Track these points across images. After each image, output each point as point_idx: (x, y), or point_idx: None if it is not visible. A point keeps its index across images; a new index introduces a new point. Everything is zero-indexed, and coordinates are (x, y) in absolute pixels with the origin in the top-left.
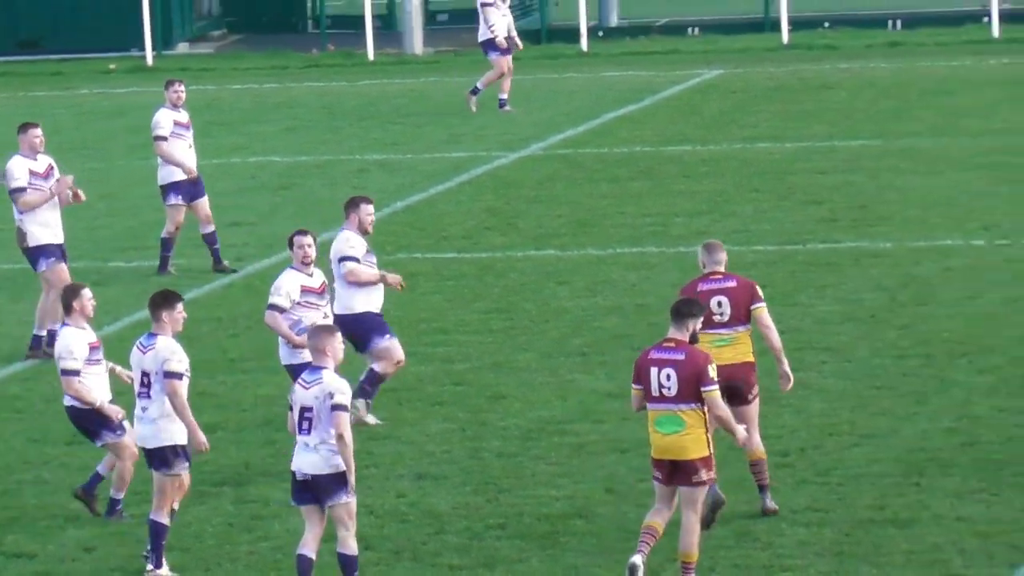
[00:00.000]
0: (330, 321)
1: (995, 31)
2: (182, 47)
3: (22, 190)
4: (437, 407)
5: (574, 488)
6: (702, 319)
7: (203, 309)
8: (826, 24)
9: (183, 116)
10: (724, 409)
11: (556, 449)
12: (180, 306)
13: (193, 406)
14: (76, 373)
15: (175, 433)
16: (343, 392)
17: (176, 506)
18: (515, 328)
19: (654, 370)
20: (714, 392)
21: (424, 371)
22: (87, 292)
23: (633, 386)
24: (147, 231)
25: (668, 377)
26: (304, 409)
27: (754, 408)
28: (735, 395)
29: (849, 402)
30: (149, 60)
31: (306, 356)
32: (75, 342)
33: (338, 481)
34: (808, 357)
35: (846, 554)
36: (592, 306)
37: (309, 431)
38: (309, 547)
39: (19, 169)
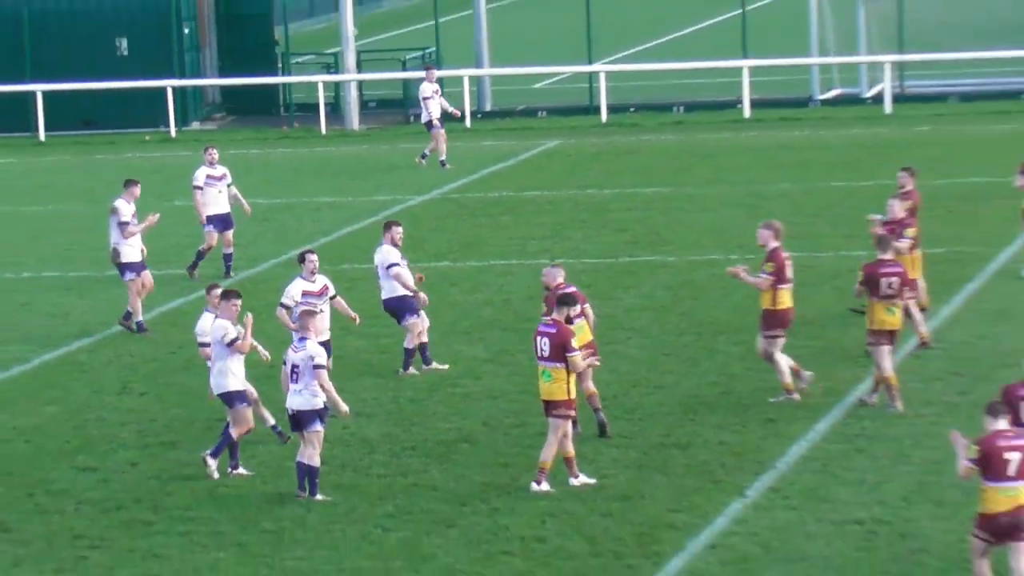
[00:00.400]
0: (325, 314)
1: (746, 113)
2: (195, 124)
3: (127, 224)
4: (369, 368)
5: (461, 423)
6: (577, 308)
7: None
8: (632, 108)
9: (216, 171)
10: (579, 366)
11: (449, 397)
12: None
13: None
14: (205, 347)
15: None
16: (321, 355)
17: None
18: None
19: (537, 338)
20: (575, 357)
21: (362, 344)
22: (216, 291)
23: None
24: (172, 250)
25: (545, 344)
26: (294, 366)
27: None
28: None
29: (646, 364)
30: (173, 133)
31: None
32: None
33: (313, 415)
34: (618, 335)
35: (645, 467)
36: (474, 300)
37: (297, 380)
38: (304, 456)
39: (125, 209)
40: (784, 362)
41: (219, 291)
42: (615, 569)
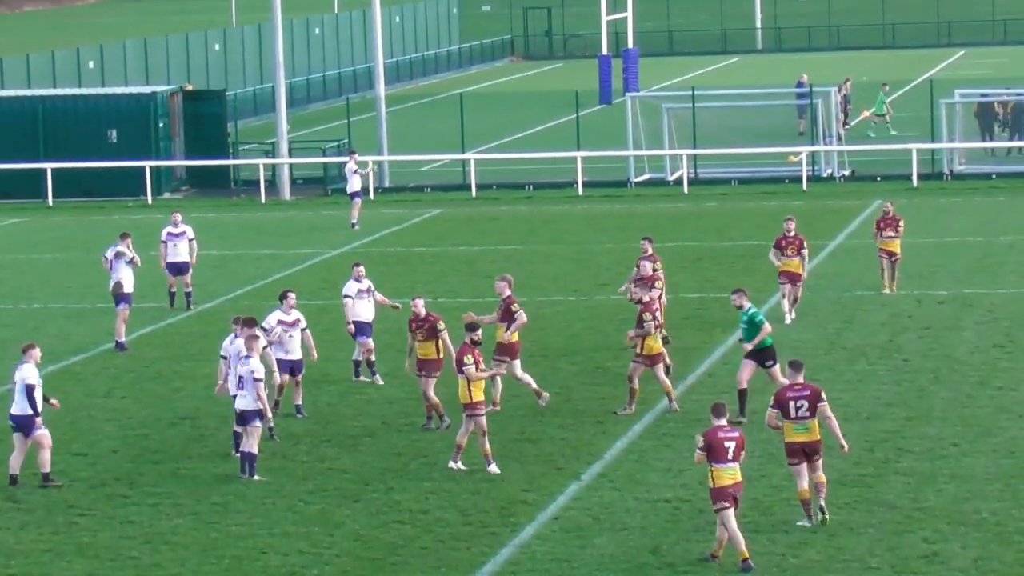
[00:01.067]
0: (296, 339)
1: (579, 191)
2: (166, 194)
3: (133, 259)
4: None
5: (366, 421)
6: (479, 334)
7: (175, 329)
8: (494, 186)
9: (177, 229)
10: (472, 377)
11: (357, 401)
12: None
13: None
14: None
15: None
16: (260, 371)
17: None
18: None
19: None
20: (467, 370)
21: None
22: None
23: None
24: (146, 287)
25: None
26: (240, 376)
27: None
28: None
29: (506, 379)
30: (149, 201)
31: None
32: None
33: (254, 414)
34: (484, 357)
35: (505, 456)
36: (376, 329)
37: (242, 387)
38: (246, 445)
39: (129, 251)
40: (528, 378)
41: (240, 321)
42: (482, 535)
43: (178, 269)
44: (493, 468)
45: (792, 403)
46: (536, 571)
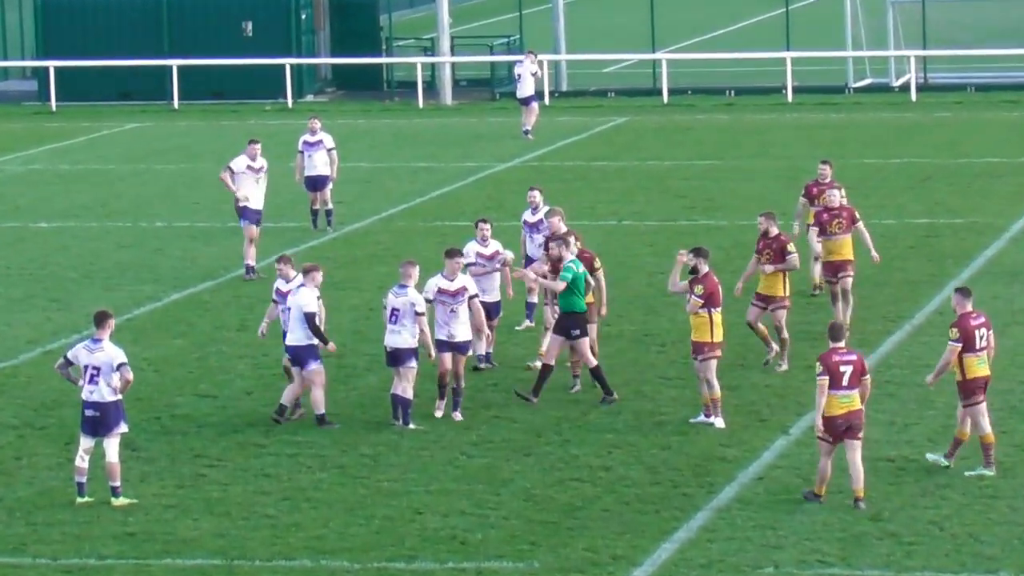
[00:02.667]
0: (495, 276)
1: (789, 98)
2: (309, 97)
3: (231, 172)
4: None
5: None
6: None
7: (317, 252)
8: (689, 91)
9: (314, 137)
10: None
11: (525, 339)
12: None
13: (327, 298)
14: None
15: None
16: (421, 303)
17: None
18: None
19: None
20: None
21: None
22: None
23: None
24: (286, 205)
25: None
26: (394, 309)
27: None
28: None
29: None
30: (290, 104)
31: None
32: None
33: (409, 353)
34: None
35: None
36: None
37: (396, 322)
38: (395, 389)
39: (237, 162)
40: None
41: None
42: (672, 496)
43: (315, 184)
44: (718, 422)
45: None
46: (736, 539)
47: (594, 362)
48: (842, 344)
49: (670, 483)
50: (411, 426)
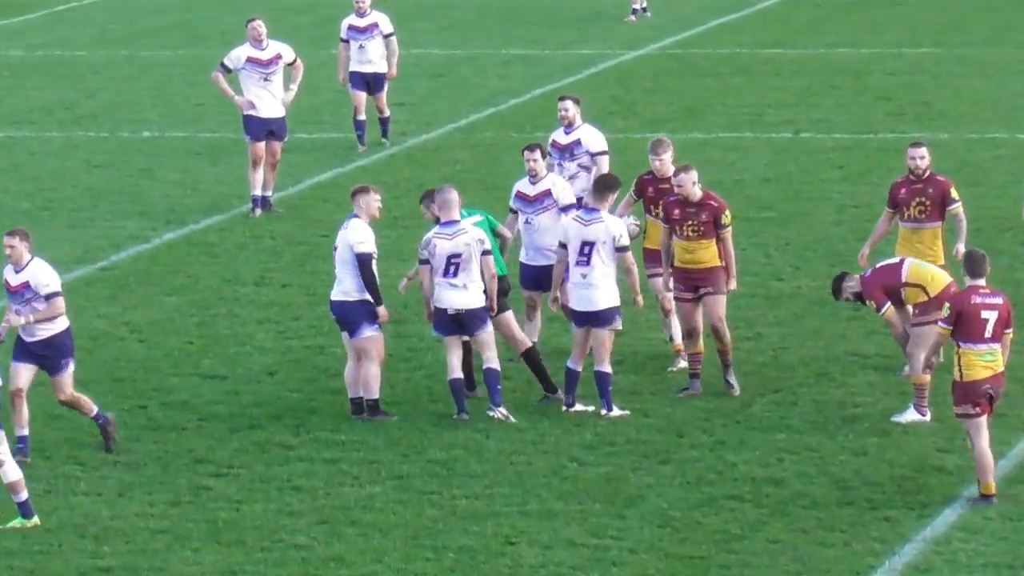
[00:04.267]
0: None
1: None
2: None
3: (225, 68)
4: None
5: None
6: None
7: (371, 174)
8: None
9: (363, 20)
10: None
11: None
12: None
13: None
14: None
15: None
16: (486, 240)
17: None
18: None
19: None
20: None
21: None
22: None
23: None
24: (325, 107)
25: None
26: (452, 256)
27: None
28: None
29: None
30: None
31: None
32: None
33: (484, 313)
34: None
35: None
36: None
37: (455, 274)
38: (457, 371)
39: (233, 53)
40: None
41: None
42: (869, 521)
43: (366, 83)
44: (915, 415)
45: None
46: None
47: (527, 343)
48: (982, 282)
49: (865, 503)
50: (499, 413)
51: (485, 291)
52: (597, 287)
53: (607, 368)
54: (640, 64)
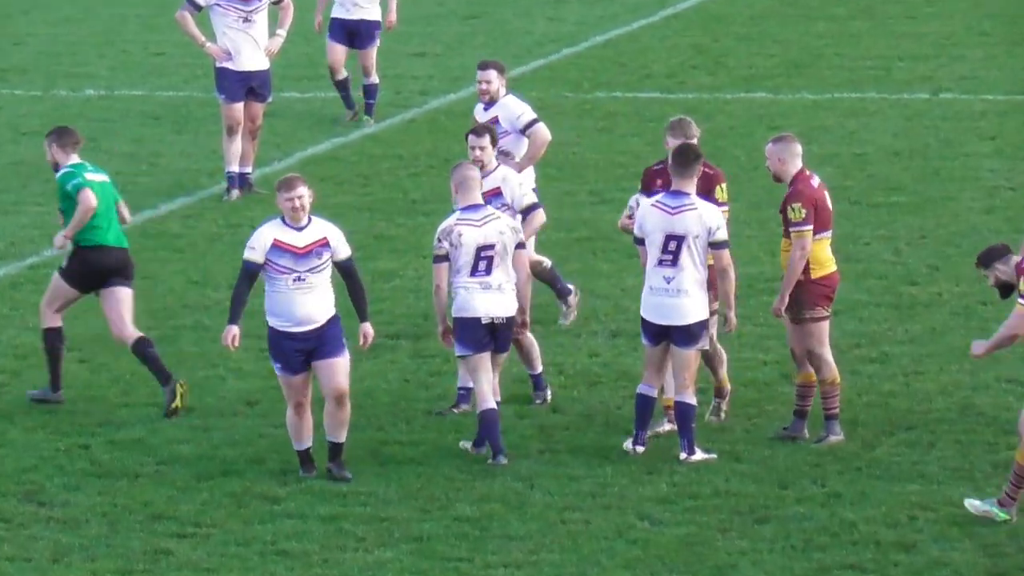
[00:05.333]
0: None
1: None
2: None
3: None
4: (634, 259)
5: (783, 352)
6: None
7: (383, 145)
8: None
9: None
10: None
11: (764, 309)
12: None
13: (371, 249)
14: None
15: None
16: (518, 228)
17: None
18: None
19: None
20: None
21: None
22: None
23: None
24: (323, 58)
25: None
26: (483, 247)
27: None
28: None
29: None
30: None
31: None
32: None
33: (512, 324)
34: None
35: None
36: (807, 154)
37: (490, 271)
38: (490, 400)
39: None
40: None
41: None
42: None
43: (348, 33)
44: None
45: None
46: None
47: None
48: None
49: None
50: (501, 460)
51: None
52: (686, 294)
53: (691, 399)
54: (732, 3)
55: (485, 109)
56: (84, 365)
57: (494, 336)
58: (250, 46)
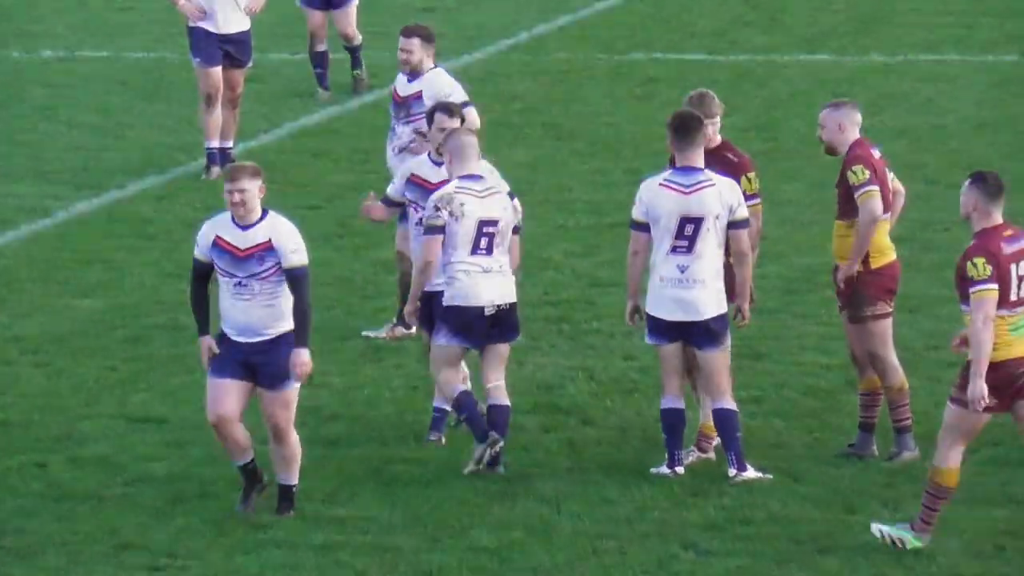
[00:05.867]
0: None
1: None
2: None
3: None
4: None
5: (848, 355)
6: None
7: (385, 116)
8: None
9: None
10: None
11: (827, 305)
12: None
13: (372, 236)
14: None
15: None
16: (520, 208)
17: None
18: (778, 151)
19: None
20: None
21: None
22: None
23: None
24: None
25: None
26: (486, 222)
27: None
28: None
29: None
30: None
31: None
32: None
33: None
34: None
35: None
36: (877, 125)
37: (491, 250)
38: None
39: None
40: None
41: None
42: None
43: None
44: None
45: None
46: None
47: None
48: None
49: None
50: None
51: None
52: (703, 285)
53: (730, 404)
54: None
55: (409, 82)
56: (41, 370)
57: (495, 325)
58: (228, 5)
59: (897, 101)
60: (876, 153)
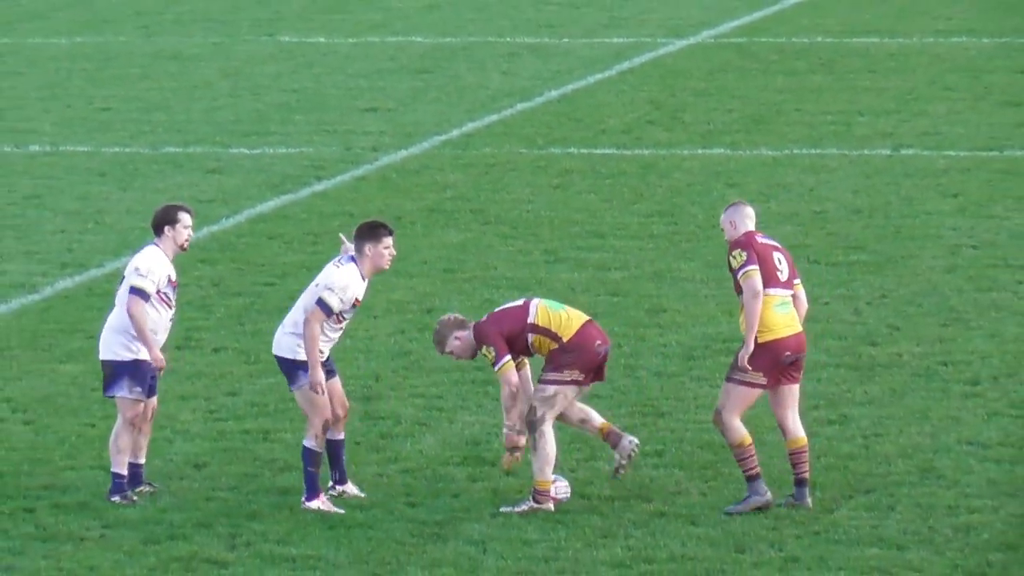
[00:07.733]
0: None
1: None
2: None
3: None
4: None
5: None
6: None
7: (332, 203)
8: None
9: None
10: None
11: (721, 370)
12: (388, 241)
13: None
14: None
15: None
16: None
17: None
18: (679, 234)
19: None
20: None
21: (577, 279)
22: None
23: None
24: (272, 113)
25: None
26: None
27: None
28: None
29: None
30: None
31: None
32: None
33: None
34: (1003, 275)
35: None
36: (766, 212)
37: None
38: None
39: None
40: None
41: None
42: None
43: None
44: None
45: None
46: None
47: None
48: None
49: None
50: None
51: None
52: None
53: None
54: (689, 57)
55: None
56: (29, 427)
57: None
58: None
59: (784, 190)
60: (762, 238)
